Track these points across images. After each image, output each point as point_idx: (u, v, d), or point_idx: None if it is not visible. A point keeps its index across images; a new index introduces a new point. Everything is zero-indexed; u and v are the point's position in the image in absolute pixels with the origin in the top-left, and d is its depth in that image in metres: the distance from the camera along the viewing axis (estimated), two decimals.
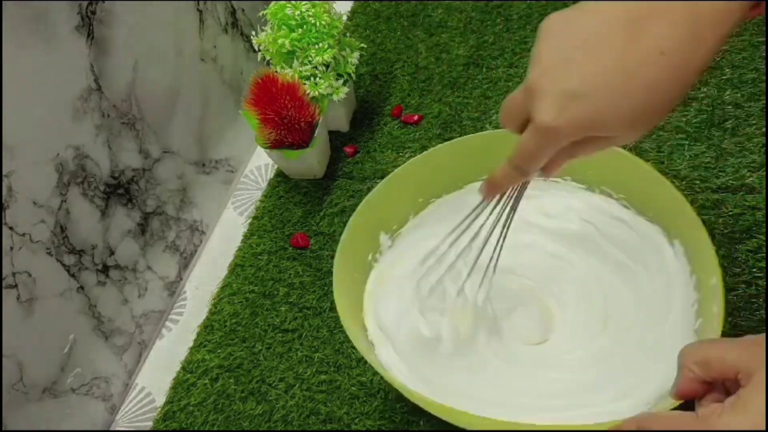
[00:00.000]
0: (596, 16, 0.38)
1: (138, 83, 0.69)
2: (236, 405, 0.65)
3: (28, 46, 0.56)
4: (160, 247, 0.75)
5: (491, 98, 0.84)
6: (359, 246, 0.60)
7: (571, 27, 0.39)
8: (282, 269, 0.75)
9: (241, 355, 0.69)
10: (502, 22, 0.92)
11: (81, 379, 0.65)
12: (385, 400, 0.62)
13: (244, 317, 0.72)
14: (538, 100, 0.39)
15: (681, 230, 0.55)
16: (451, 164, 0.63)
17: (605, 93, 0.37)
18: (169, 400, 0.68)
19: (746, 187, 0.67)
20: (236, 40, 0.88)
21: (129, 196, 0.69)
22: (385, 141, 0.84)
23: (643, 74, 0.36)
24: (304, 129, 0.75)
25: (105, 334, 0.68)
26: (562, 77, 0.38)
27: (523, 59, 0.87)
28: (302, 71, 0.76)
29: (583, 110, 0.38)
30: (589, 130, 0.38)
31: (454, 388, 0.53)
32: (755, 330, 0.58)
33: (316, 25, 0.75)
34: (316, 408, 0.63)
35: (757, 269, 0.61)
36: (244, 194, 0.86)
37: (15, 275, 0.56)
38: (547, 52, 0.40)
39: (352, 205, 0.78)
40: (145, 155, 0.71)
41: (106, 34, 0.64)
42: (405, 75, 0.91)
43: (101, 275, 0.66)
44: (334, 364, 0.66)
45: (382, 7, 1.00)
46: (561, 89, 0.38)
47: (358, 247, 0.60)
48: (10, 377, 0.57)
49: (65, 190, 0.61)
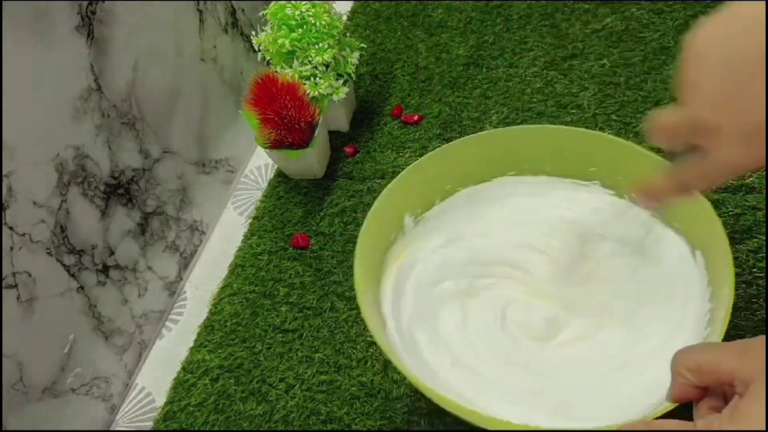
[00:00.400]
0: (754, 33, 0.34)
1: (138, 83, 0.69)
2: (237, 405, 0.65)
3: (28, 46, 0.56)
4: (160, 247, 0.75)
5: (491, 98, 0.84)
6: (383, 228, 0.60)
7: (731, 47, 0.35)
8: (282, 269, 0.75)
9: (241, 356, 0.69)
10: (502, 22, 0.92)
11: (81, 379, 0.65)
12: (386, 400, 0.62)
13: (244, 317, 0.72)
14: (715, 138, 0.36)
15: (705, 241, 0.55)
16: (482, 155, 0.63)
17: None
18: (170, 400, 0.68)
19: (746, 187, 0.67)
20: (236, 40, 0.88)
21: (129, 196, 0.69)
22: (385, 141, 0.84)
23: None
24: (304, 129, 0.75)
25: (105, 334, 0.68)
26: (738, 113, 0.35)
27: (523, 59, 0.87)
28: (302, 71, 0.76)
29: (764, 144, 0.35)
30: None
31: (456, 387, 0.53)
32: (756, 330, 0.58)
33: (316, 25, 0.75)
34: (317, 408, 0.63)
35: (757, 269, 0.61)
36: (244, 194, 0.86)
37: (15, 275, 0.56)
38: (710, 80, 0.35)
39: (353, 205, 0.78)
40: (145, 155, 0.71)
41: (106, 34, 0.64)
42: (405, 75, 0.91)
43: (101, 275, 0.66)
44: (335, 364, 0.66)
45: (382, 7, 1.00)
46: (741, 128, 0.35)
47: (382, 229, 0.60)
48: (10, 377, 0.57)
49: (65, 190, 0.61)
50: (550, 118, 0.79)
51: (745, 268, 0.61)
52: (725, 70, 0.35)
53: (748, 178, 0.67)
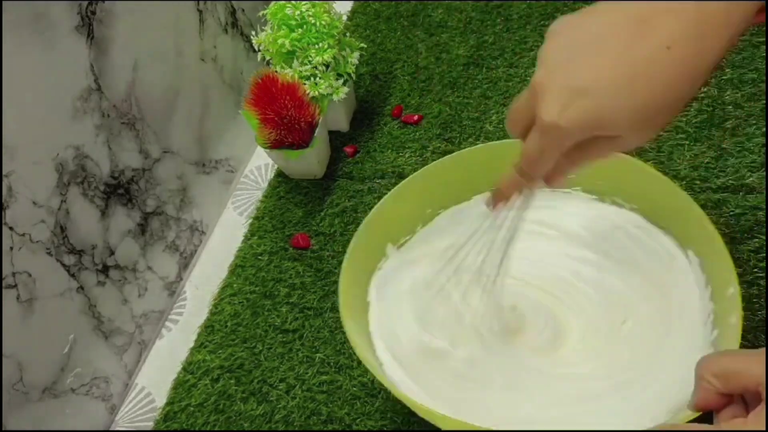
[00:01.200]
0: (604, 17, 0.38)
1: (138, 83, 0.69)
2: (237, 406, 0.65)
3: (28, 46, 0.56)
4: (160, 247, 0.75)
5: (491, 98, 0.84)
6: (366, 259, 0.60)
7: (578, 27, 0.39)
8: (282, 270, 0.75)
9: (241, 356, 0.69)
10: (502, 22, 0.92)
11: (81, 379, 0.65)
12: (386, 400, 0.62)
13: (244, 318, 0.72)
14: (541, 99, 0.39)
15: (694, 239, 0.55)
16: (459, 175, 0.63)
17: (610, 90, 0.37)
18: (170, 400, 0.68)
19: (746, 187, 0.67)
20: (236, 40, 0.88)
21: (129, 196, 0.69)
22: (385, 141, 0.84)
23: (648, 71, 0.36)
24: (304, 129, 0.75)
25: (105, 334, 0.68)
26: (566, 74, 0.38)
27: (523, 59, 0.87)
28: (302, 71, 0.76)
29: (587, 107, 0.37)
30: (594, 128, 0.38)
31: (460, 400, 0.53)
32: (757, 330, 0.58)
33: (316, 25, 0.75)
34: (317, 408, 0.63)
35: (758, 269, 0.61)
36: (244, 194, 0.86)
37: (15, 275, 0.56)
38: (553, 51, 0.39)
39: (353, 205, 0.78)
40: (145, 155, 0.71)
41: (106, 34, 0.64)
42: (405, 75, 0.91)
43: (101, 275, 0.66)
44: (335, 364, 0.66)
45: (382, 7, 1.00)
46: (565, 86, 0.38)
47: (364, 260, 0.60)
48: (10, 377, 0.57)
49: (65, 190, 0.61)
50: None
51: (747, 268, 0.61)
52: (566, 44, 0.39)
53: (748, 178, 0.67)
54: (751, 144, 0.70)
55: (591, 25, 0.38)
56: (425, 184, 0.63)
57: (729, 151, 0.70)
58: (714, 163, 0.70)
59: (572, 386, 0.53)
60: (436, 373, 0.55)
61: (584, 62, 0.37)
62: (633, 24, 0.36)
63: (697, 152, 0.71)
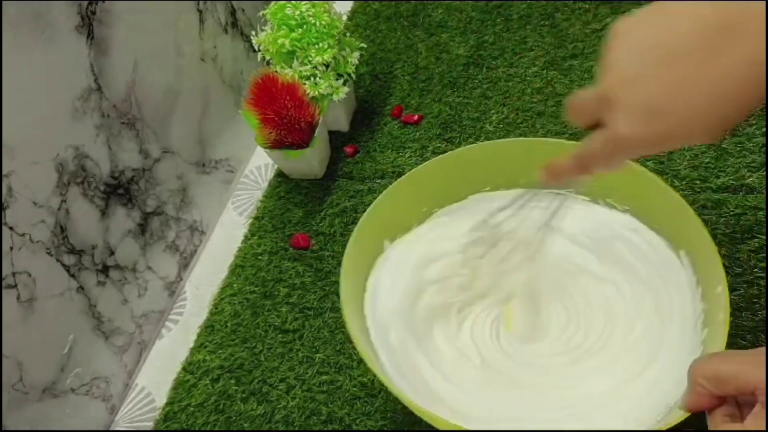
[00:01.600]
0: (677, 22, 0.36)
1: (138, 83, 0.69)
2: (237, 406, 0.65)
3: (28, 46, 0.56)
4: (160, 247, 0.75)
5: (491, 98, 0.84)
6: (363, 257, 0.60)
7: (649, 33, 0.37)
8: (283, 270, 0.75)
9: (242, 356, 0.69)
10: (502, 22, 0.92)
11: (81, 379, 0.65)
12: (387, 400, 0.62)
13: (244, 318, 0.72)
14: (615, 110, 0.38)
15: (686, 240, 0.55)
16: (456, 174, 0.63)
17: (687, 107, 0.36)
18: (170, 400, 0.68)
19: (746, 187, 0.67)
20: (236, 40, 0.88)
21: (129, 196, 0.69)
22: (385, 141, 0.84)
23: (726, 86, 0.35)
24: (304, 129, 0.75)
25: (105, 334, 0.68)
26: (641, 91, 0.37)
27: (523, 59, 0.87)
28: (302, 71, 0.76)
29: (664, 125, 0.37)
30: (666, 143, 0.38)
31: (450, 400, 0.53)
32: (756, 330, 0.58)
33: (316, 25, 0.75)
34: (318, 408, 0.63)
35: (758, 269, 0.61)
36: (244, 194, 0.86)
37: (15, 275, 0.56)
38: (624, 59, 0.38)
39: (353, 205, 0.78)
40: (145, 155, 0.71)
41: (106, 34, 0.64)
42: (405, 75, 0.91)
43: (101, 275, 0.66)
44: (335, 364, 0.66)
45: (382, 7, 1.00)
46: (641, 103, 0.37)
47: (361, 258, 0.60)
48: (10, 377, 0.57)
49: (65, 190, 0.61)
50: (550, 117, 0.79)
51: (746, 268, 0.61)
52: (638, 52, 0.37)
53: (748, 178, 0.67)
54: (751, 144, 0.70)
55: (662, 31, 0.37)
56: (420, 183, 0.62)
57: (729, 151, 0.70)
58: (714, 163, 0.70)
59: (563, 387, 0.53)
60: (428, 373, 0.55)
61: (659, 77, 0.36)
62: (712, 34, 0.35)
63: (697, 152, 0.71)
